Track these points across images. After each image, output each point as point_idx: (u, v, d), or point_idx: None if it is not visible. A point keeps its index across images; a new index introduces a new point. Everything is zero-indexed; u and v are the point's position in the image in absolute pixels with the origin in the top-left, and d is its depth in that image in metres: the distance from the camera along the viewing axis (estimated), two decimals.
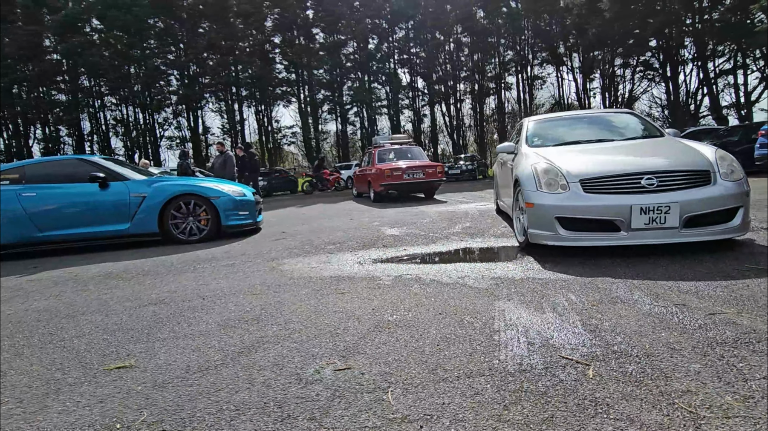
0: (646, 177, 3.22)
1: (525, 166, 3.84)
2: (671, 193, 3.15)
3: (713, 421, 1.27)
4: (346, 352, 1.94)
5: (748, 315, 2.04)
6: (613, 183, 3.28)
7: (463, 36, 33.96)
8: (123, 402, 1.63)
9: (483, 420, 1.35)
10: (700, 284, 2.56)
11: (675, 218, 3.10)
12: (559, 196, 3.36)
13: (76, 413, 1.58)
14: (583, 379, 1.56)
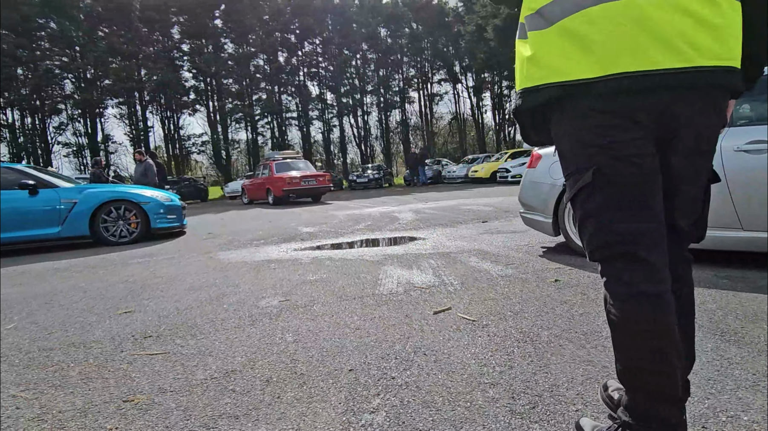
0: None
1: None
2: None
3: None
4: (284, 294, 3.02)
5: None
6: None
7: (369, 53, 35.91)
8: (140, 325, 2.57)
9: (366, 313, 2.52)
10: (511, 253, 4.00)
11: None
12: None
13: (112, 329, 2.49)
14: (425, 296, 2.81)
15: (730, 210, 2.79)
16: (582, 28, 0.94)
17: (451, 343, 1.98)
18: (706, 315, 2.11)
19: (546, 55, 1.00)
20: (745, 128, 2.79)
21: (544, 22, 1.00)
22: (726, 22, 0.92)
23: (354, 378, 1.70)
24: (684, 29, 0.90)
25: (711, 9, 0.91)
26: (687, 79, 0.91)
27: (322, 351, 1.99)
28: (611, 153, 0.97)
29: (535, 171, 3.96)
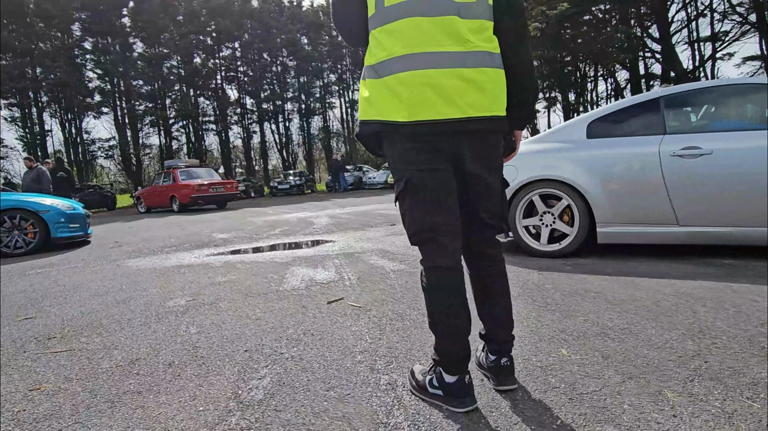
0: None
1: None
2: None
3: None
4: (192, 295, 3.20)
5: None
6: None
7: (289, 59, 35.78)
8: (43, 329, 2.65)
9: (267, 307, 2.80)
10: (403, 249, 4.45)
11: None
12: None
13: (12, 334, 2.55)
14: (324, 290, 3.14)
15: (667, 207, 3.27)
16: (396, 86, 1.32)
17: (337, 325, 2.33)
18: (532, 289, 2.65)
19: (376, 99, 1.38)
20: (679, 136, 3.30)
21: (377, 75, 1.38)
22: (493, 86, 1.35)
23: (248, 356, 1.99)
24: (463, 92, 1.31)
25: (482, 77, 1.33)
26: (465, 125, 1.33)
27: (222, 338, 2.25)
28: (417, 169, 1.37)
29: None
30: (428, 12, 1.29)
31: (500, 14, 1.37)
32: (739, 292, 2.44)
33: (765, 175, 2.95)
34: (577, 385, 1.53)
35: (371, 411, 1.46)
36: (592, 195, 3.49)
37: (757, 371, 1.55)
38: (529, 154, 3.87)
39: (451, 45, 1.30)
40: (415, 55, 1.30)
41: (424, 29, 1.30)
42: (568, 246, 3.60)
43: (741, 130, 3.22)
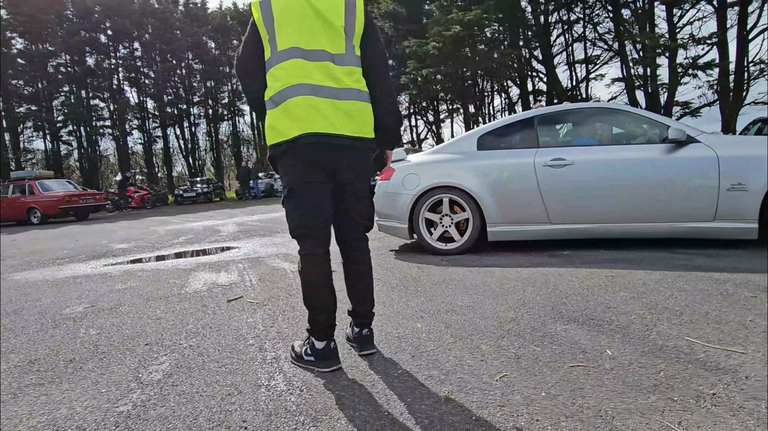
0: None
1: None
2: None
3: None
4: (90, 302, 3.27)
5: None
6: None
7: (195, 62, 34.39)
8: None
9: (169, 308, 2.99)
10: None
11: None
12: None
13: None
14: (225, 291, 3.37)
15: (542, 209, 3.92)
16: (292, 109, 1.68)
17: (234, 319, 2.61)
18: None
19: (277, 124, 1.73)
20: (549, 149, 3.98)
21: (275, 105, 1.73)
22: (359, 115, 1.75)
23: (148, 349, 2.21)
24: (338, 117, 1.70)
25: (351, 107, 1.73)
26: (341, 140, 1.71)
27: (123, 336, 2.43)
28: (297, 180, 1.75)
29: (390, 183, 4.48)
30: (310, 58, 1.69)
31: (366, 63, 1.79)
32: (563, 275, 3.09)
33: (611, 182, 3.72)
34: (420, 347, 1.98)
35: (256, 378, 1.78)
36: (482, 199, 4.03)
37: (549, 327, 2.11)
38: (430, 164, 4.37)
39: (329, 82, 1.70)
40: (304, 85, 1.67)
41: (308, 69, 1.69)
42: (457, 248, 4.14)
43: (594, 146, 4.01)
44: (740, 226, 3.47)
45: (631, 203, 3.71)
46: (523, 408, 1.43)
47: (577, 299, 2.54)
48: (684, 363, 1.67)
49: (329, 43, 1.70)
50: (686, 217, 3.60)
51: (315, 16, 1.70)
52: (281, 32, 1.70)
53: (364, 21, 1.74)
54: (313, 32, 1.69)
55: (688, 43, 14.91)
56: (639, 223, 3.74)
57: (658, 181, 3.63)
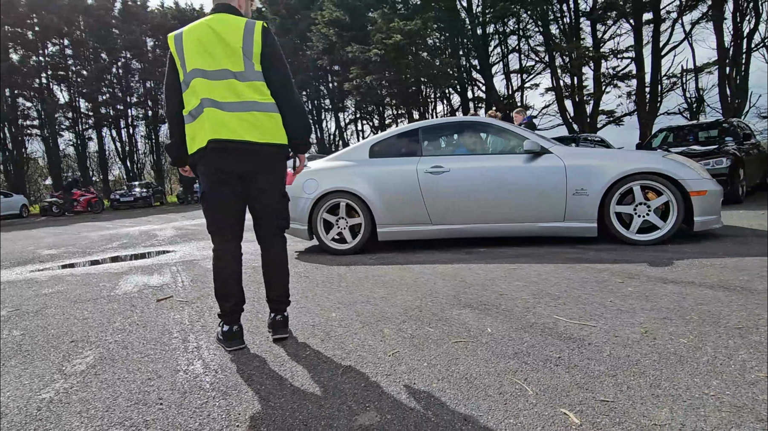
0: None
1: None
2: None
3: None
4: (14, 306, 3.25)
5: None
6: None
7: (133, 62, 33.01)
8: None
9: (97, 309, 3.05)
10: None
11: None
12: None
13: None
14: (156, 292, 3.45)
15: (423, 211, 4.34)
16: (204, 120, 1.94)
17: (162, 316, 2.73)
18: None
19: (195, 134, 1.98)
20: (430, 158, 4.42)
21: (193, 119, 1.98)
22: (261, 123, 1.97)
23: (74, 345, 2.31)
24: (241, 126, 1.94)
25: (252, 118, 1.96)
26: (246, 146, 1.94)
27: (48, 336, 2.50)
28: (209, 186, 1.99)
29: (291, 187, 4.71)
30: (216, 77, 1.95)
31: (267, 79, 2.02)
32: (473, 269, 3.44)
33: (481, 187, 4.22)
34: (331, 333, 2.23)
35: (176, 364, 1.95)
36: (372, 202, 4.41)
37: (446, 312, 2.41)
38: (328, 170, 4.69)
39: (231, 97, 1.95)
40: (212, 100, 1.93)
41: (215, 86, 1.95)
42: (350, 248, 4.51)
43: (468, 155, 4.50)
44: (584, 226, 4.04)
45: (497, 206, 4.22)
46: (405, 376, 1.70)
47: (477, 289, 2.87)
48: (545, 335, 2.01)
49: (230, 62, 1.95)
50: (542, 218, 4.14)
51: (217, 41, 1.96)
52: (188, 57, 1.97)
53: (261, 42, 1.97)
54: (214, 55, 1.95)
55: (609, 56, 16.19)
56: (504, 223, 4.25)
57: (519, 186, 4.14)
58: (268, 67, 2.01)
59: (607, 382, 1.54)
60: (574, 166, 4.02)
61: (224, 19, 1.98)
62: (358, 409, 1.48)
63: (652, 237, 3.90)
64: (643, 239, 3.92)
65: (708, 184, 3.91)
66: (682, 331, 1.95)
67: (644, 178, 3.86)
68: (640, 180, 3.86)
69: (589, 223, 4.01)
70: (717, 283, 2.63)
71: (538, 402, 1.45)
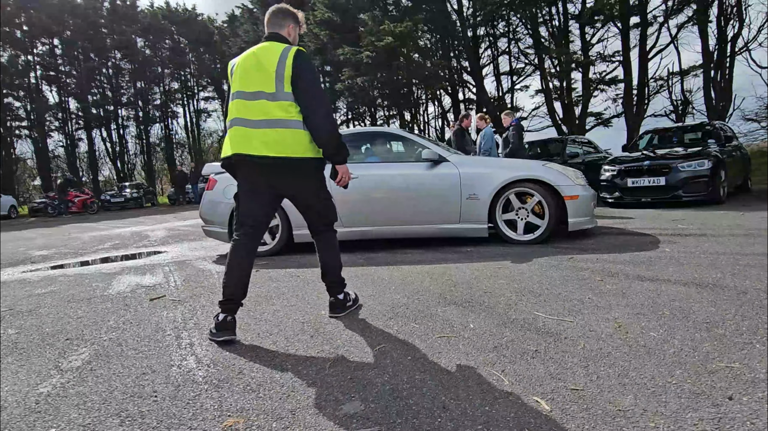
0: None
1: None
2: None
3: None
4: (8, 306, 3.30)
5: None
6: None
7: (123, 62, 32.81)
8: None
9: (91, 308, 3.10)
10: None
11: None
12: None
13: None
14: (149, 291, 3.51)
15: (362, 214, 4.65)
16: (230, 136, 2.28)
17: (155, 315, 2.80)
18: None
19: (226, 144, 2.33)
20: (357, 164, 4.64)
21: (226, 132, 2.35)
22: (285, 139, 2.20)
23: (69, 343, 2.37)
24: (263, 143, 2.19)
25: (276, 134, 2.20)
26: (264, 160, 2.20)
27: (43, 334, 2.55)
28: (239, 187, 2.34)
29: (213, 192, 5.04)
30: (251, 98, 2.24)
31: (297, 98, 2.23)
32: (460, 268, 3.54)
33: (387, 193, 4.58)
34: (320, 329, 2.31)
35: (169, 360, 2.02)
36: (287, 207, 4.52)
37: (432, 309, 2.50)
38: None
39: (261, 115, 2.22)
40: (243, 119, 2.25)
41: (250, 106, 2.24)
42: (269, 250, 4.76)
43: (377, 162, 4.84)
44: (476, 227, 4.46)
45: (402, 209, 4.59)
46: (390, 368, 1.79)
47: (463, 287, 2.96)
48: (524, 330, 2.11)
49: (264, 85, 2.22)
50: (441, 220, 4.53)
51: (257, 66, 2.23)
52: (234, 81, 2.32)
53: (292, 66, 2.20)
54: (252, 78, 2.24)
55: (596, 61, 16.43)
56: (409, 225, 4.63)
57: (421, 191, 4.52)
58: (296, 88, 2.22)
59: (579, 373, 1.64)
60: (466, 174, 4.42)
61: (268, 46, 2.26)
62: (344, 399, 1.57)
63: (535, 235, 4.37)
64: (528, 239, 4.39)
65: (580, 190, 4.39)
66: (653, 325, 2.06)
67: (524, 185, 4.34)
68: (521, 186, 4.34)
69: (481, 225, 4.45)
70: (691, 280, 2.75)
71: (513, 391, 1.55)
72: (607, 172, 7.74)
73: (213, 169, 5.20)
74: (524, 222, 4.42)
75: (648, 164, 7.16)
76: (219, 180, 4.97)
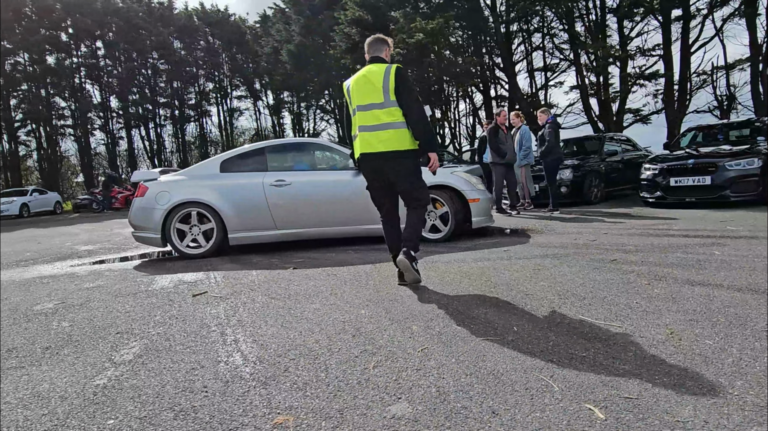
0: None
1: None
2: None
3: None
4: (60, 299, 3.45)
5: None
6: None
7: (160, 63, 33.81)
8: None
9: (137, 302, 3.21)
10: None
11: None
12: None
13: None
14: (191, 287, 3.60)
15: (270, 219, 5.05)
16: (358, 141, 3.10)
17: (199, 311, 2.87)
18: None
19: (355, 149, 3.19)
20: (275, 173, 5.11)
21: (355, 138, 3.17)
22: (393, 137, 2.99)
23: (119, 336, 2.46)
24: (378, 142, 3.00)
25: (386, 134, 2.99)
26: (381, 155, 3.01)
27: (94, 327, 2.66)
28: (366, 180, 3.24)
29: (144, 199, 5.15)
30: (366, 109, 3.03)
31: (400, 104, 2.98)
32: (498, 269, 3.49)
33: (317, 197, 5.02)
34: (361, 328, 2.32)
35: (216, 356, 2.07)
36: (223, 211, 4.99)
37: (473, 310, 2.47)
38: (179, 182, 5.17)
39: (373, 121, 3.01)
40: (364, 126, 3.04)
41: (365, 116, 3.04)
42: (203, 252, 5.06)
43: (307, 170, 5.27)
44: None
45: (330, 212, 5.04)
46: (435, 371, 1.78)
47: (503, 288, 2.92)
48: (570, 335, 2.06)
49: (374, 97, 3.00)
50: (366, 221, 4.94)
51: (367, 84, 3.02)
52: (352, 98, 3.11)
53: (394, 80, 2.95)
54: (365, 94, 3.02)
55: (635, 55, 15.86)
56: (338, 227, 5.10)
57: (348, 196, 4.97)
58: (399, 96, 2.96)
59: (632, 380, 1.59)
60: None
61: (373, 68, 3.03)
62: (391, 400, 1.57)
63: (443, 233, 5.02)
64: (436, 237, 5.03)
65: (480, 194, 5.15)
66: (708, 333, 1.97)
67: (435, 191, 4.91)
68: (433, 192, 4.85)
69: (402, 224, 5.21)
70: (745, 286, 2.63)
71: (564, 397, 1.51)
72: (647, 170, 7.47)
73: (142, 176, 5.45)
74: (432, 223, 5.05)
75: (692, 162, 6.88)
76: (150, 187, 5.14)
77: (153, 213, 5.03)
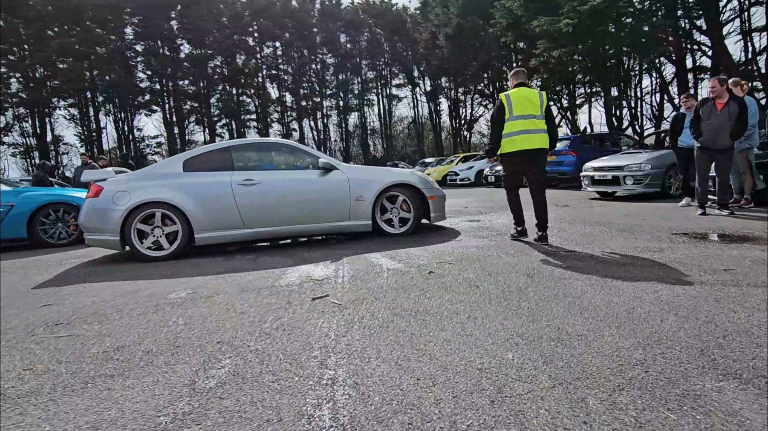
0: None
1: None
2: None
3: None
4: (193, 288, 3.39)
5: None
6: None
7: (327, 57, 36.30)
8: (55, 316, 2.89)
9: (257, 302, 2.94)
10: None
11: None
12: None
13: (28, 319, 2.81)
14: (315, 286, 3.25)
15: (238, 218, 4.91)
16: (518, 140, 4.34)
17: (310, 322, 2.43)
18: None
19: (507, 145, 4.43)
20: (242, 172, 5.01)
21: (508, 137, 4.39)
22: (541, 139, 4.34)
23: (218, 347, 2.13)
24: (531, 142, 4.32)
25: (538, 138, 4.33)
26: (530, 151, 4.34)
27: (202, 330, 2.41)
28: (509, 169, 4.59)
29: (99, 200, 4.72)
30: (527, 117, 4.31)
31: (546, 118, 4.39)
32: (721, 302, 2.35)
33: (285, 196, 5.02)
34: (504, 388, 1.57)
35: (302, 403, 1.55)
36: (189, 211, 4.76)
37: (694, 381, 1.53)
38: (139, 182, 4.86)
39: (533, 126, 4.30)
40: (526, 130, 4.29)
41: (526, 122, 4.30)
42: (167, 254, 4.77)
43: (274, 170, 5.25)
44: (362, 223, 5.28)
45: (299, 211, 5.08)
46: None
47: (741, 342, 1.86)
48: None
49: (533, 110, 4.29)
50: (334, 219, 5.18)
51: (527, 100, 4.30)
52: (513, 107, 4.30)
53: (546, 104, 4.36)
54: (526, 106, 4.28)
55: None
56: (306, 224, 5.14)
57: (316, 195, 5.12)
58: (544, 112, 4.34)
59: None
60: (354, 179, 5.22)
61: (526, 90, 4.35)
62: None
63: (407, 227, 5.36)
64: (401, 231, 5.34)
65: (437, 192, 5.56)
66: None
67: (398, 188, 5.33)
68: (396, 189, 5.33)
69: (366, 221, 5.28)
70: None
71: None
72: None
73: (94, 176, 4.98)
74: (398, 218, 5.40)
75: None
76: (106, 187, 4.77)
77: (111, 214, 4.69)
